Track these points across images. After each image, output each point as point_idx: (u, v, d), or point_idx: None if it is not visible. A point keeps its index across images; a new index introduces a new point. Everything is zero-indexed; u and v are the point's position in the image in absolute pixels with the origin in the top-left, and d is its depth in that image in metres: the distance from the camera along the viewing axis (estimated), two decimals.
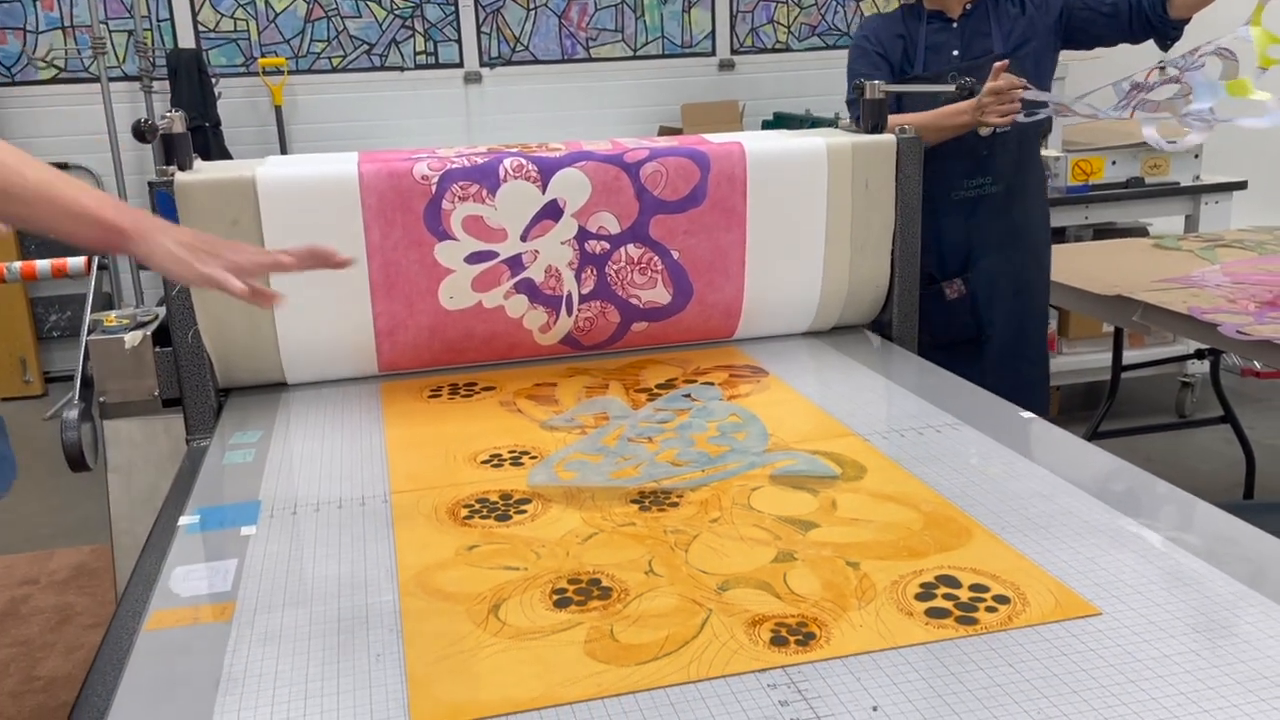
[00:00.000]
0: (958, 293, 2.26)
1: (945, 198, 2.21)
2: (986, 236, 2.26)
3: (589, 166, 1.66)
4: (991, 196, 2.24)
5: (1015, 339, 2.31)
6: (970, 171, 2.22)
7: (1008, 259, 2.27)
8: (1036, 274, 2.34)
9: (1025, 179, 2.28)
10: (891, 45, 2.22)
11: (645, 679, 0.89)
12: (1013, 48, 2.15)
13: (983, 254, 2.26)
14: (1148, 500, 1.21)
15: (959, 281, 2.27)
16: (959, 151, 2.16)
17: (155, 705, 0.89)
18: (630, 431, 1.45)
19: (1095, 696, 0.85)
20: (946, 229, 2.24)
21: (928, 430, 1.44)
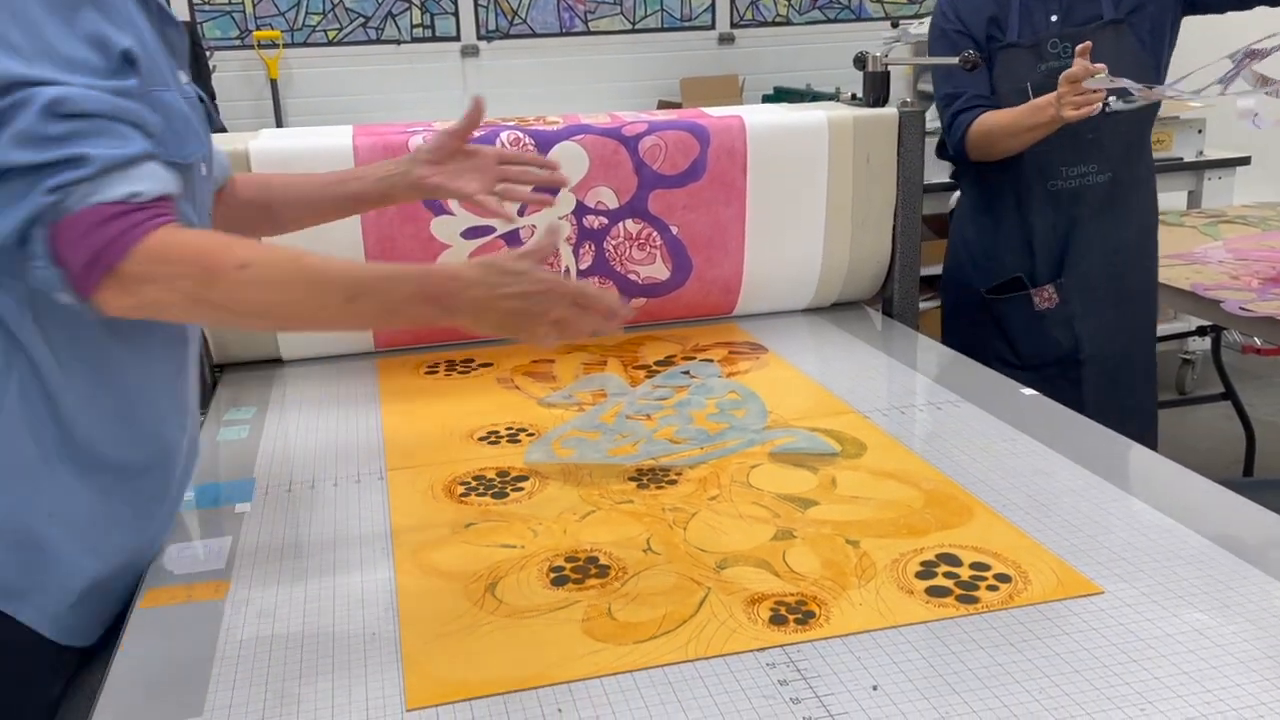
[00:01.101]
0: (1049, 302, 1.92)
1: (1040, 188, 1.89)
2: (1087, 236, 1.91)
3: (587, 140, 1.64)
4: (1096, 188, 1.89)
5: (1116, 360, 1.96)
6: (1072, 157, 1.87)
7: (1110, 263, 1.92)
8: (1143, 283, 1.98)
9: (1135, 168, 1.93)
10: (974, 17, 1.89)
11: (643, 658, 0.88)
12: (1126, 11, 1.83)
13: (1081, 257, 1.92)
14: (1149, 477, 1.20)
15: (1050, 289, 1.92)
16: (1060, 133, 1.79)
17: (149, 683, 0.88)
18: (628, 409, 1.44)
19: (1097, 675, 0.84)
20: (1039, 226, 1.92)
21: (928, 407, 1.43)
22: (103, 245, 0.83)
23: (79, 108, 0.83)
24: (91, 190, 0.83)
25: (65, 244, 0.83)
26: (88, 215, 0.83)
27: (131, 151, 0.85)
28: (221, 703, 0.85)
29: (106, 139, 0.84)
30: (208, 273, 0.87)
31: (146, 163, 0.87)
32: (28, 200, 0.82)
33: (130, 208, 0.84)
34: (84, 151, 0.82)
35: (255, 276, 0.88)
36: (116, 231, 0.83)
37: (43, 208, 0.82)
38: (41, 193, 0.82)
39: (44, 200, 0.82)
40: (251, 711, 0.83)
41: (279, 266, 0.91)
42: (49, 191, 0.82)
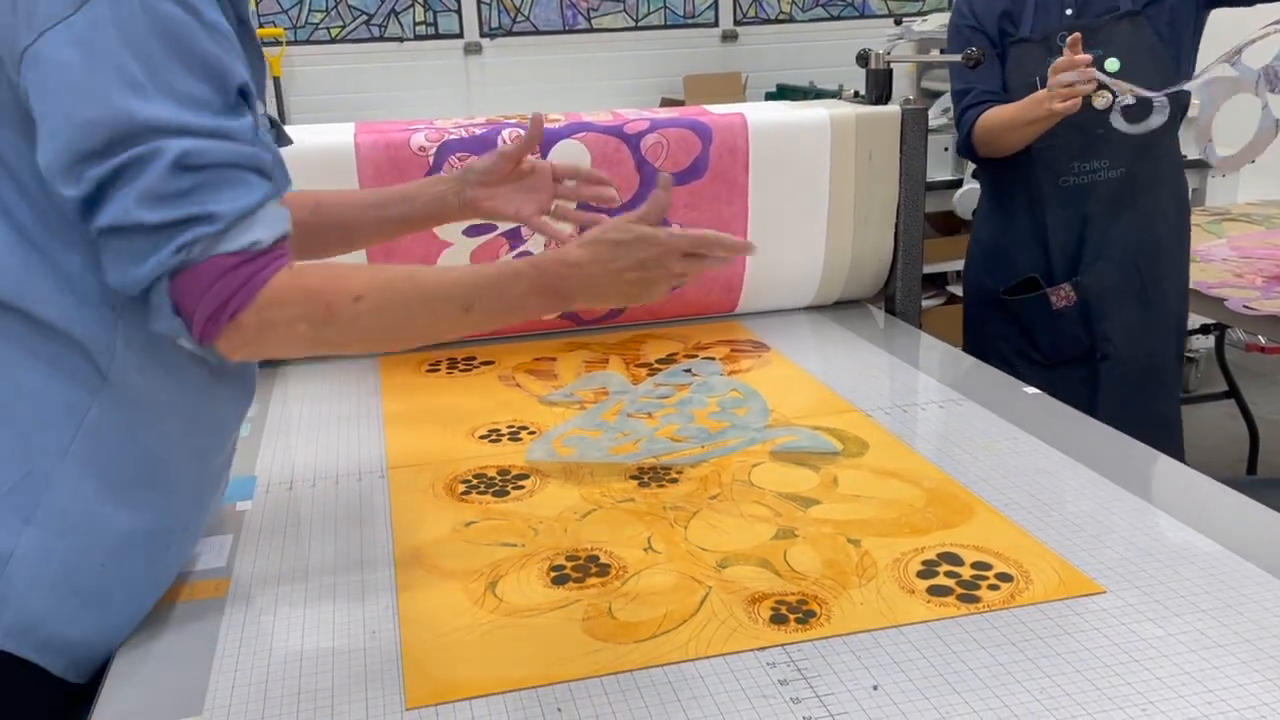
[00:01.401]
0: (1066, 300, 1.88)
1: (1050, 184, 1.85)
2: (1102, 233, 1.86)
3: (588, 138, 1.64)
4: (1108, 183, 1.84)
5: (1140, 361, 1.90)
6: (1081, 151, 1.82)
7: (1129, 262, 1.87)
8: (1168, 283, 1.92)
9: (1154, 164, 1.86)
10: (987, 12, 1.86)
11: (643, 657, 0.88)
12: (1144, 4, 1.77)
13: (1097, 254, 1.87)
14: (1152, 476, 1.19)
15: (1067, 287, 1.88)
16: (1066, 127, 1.76)
17: (149, 681, 0.88)
18: (630, 407, 1.43)
19: (1098, 675, 0.84)
20: (1053, 223, 1.87)
21: (930, 406, 1.42)
22: (226, 297, 0.83)
23: (204, 160, 0.82)
24: (215, 243, 0.83)
25: (188, 296, 0.83)
26: (211, 267, 0.83)
27: (254, 200, 0.85)
28: (221, 701, 0.85)
29: (231, 190, 0.83)
30: (325, 310, 0.87)
31: (267, 205, 0.86)
32: (155, 258, 0.82)
33: (250, 256, 0.84)
34: (212, 210, 0.82)
35: (370, 306, 0.88)
36: (239, 282, 0.83)
37: (170, 265, 0.82)
38: (170, 252, 0.81)
39: (172, 259, 0.81)
40: (251, 710, 0.83)
41: (392, 291, 0.90)
42: (177, 250, 0.81)
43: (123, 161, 0.80)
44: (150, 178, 0.80)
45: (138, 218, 0.81)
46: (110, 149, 0.80)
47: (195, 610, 0.98)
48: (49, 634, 0.88)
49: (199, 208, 0.82)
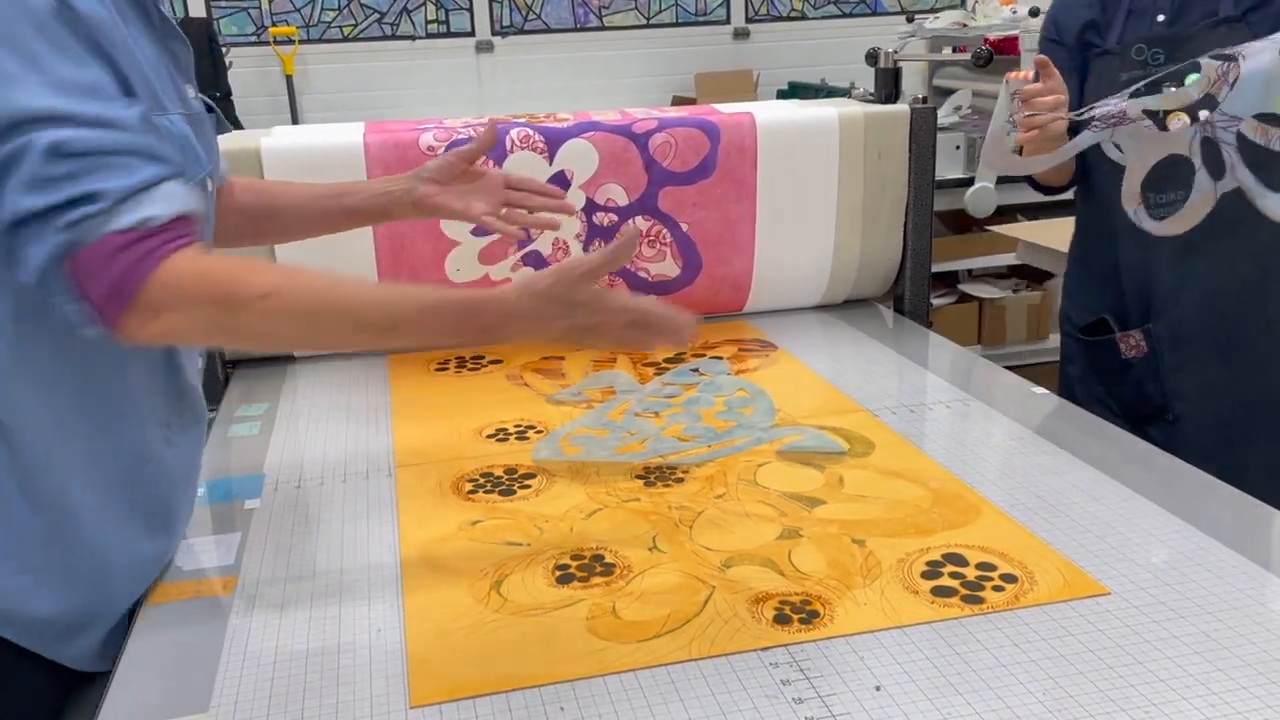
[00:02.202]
0: (1137, 350, 1.64)
1: (1123, 216, 1.48)
2: (1179, 276, 1.57)
3: (597, 137, 1.64)
4: None
5: (1221, 425, 1.59)
6: (1156, 182, 1.42)
7: (1212, 310, 1.57)
8: (1261, 336, 1.59)
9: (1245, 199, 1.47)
10: (1070, 22, 1.65)
11: (647, 656, 0.88)
12: (1245, 9, 1.51)
13: (1173, 300, 1.58)
14: (1158, 477, 1.19)
15: (1138, 334, 1.62)
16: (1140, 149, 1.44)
17: (158, 678, 0.89)
18: (637, 406, 1.44)
19: (1102, 677, 0.84)
20: (1126, 261, 1.62)
21: (938, 406, 1.42)
22: (120, 274, 0.82)
23: (82, 147, 0.82)
24: (104, 222, 0.82)
25: (84, 277, 0.83)
26: (102, 246, 0.82)
27: (141, 179, 0.84)
28: (228, 698, 0.85)
29: (115, 172, 0.83)
30: (228, 301, 0.86)
31: (161, 185, 0.85)
32: (44, 241, 0.82)
33: (144, 234, 0.83)
34: (96, 188, 0.81)
35: (279, 307, 0.86)
36: (134, 259, 0.83)
37: (60, 246, 0.81)
38: (55, 231, 0.81)
39: (59, 239, 0.81)
40: (257, 707, 0.84)
41: (305, 298, 0.88)
42: (63, 229, 0.81)
43: (4, 155, 0.81)
44: (28, 167, 0.81)
45: (22, 206, 0.81)
46: None
47: (203, 607, 0.99)
48: (8, 610, 0.89)
49: (80, 188, 0.81)
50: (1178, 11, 1.55)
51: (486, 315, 0.91)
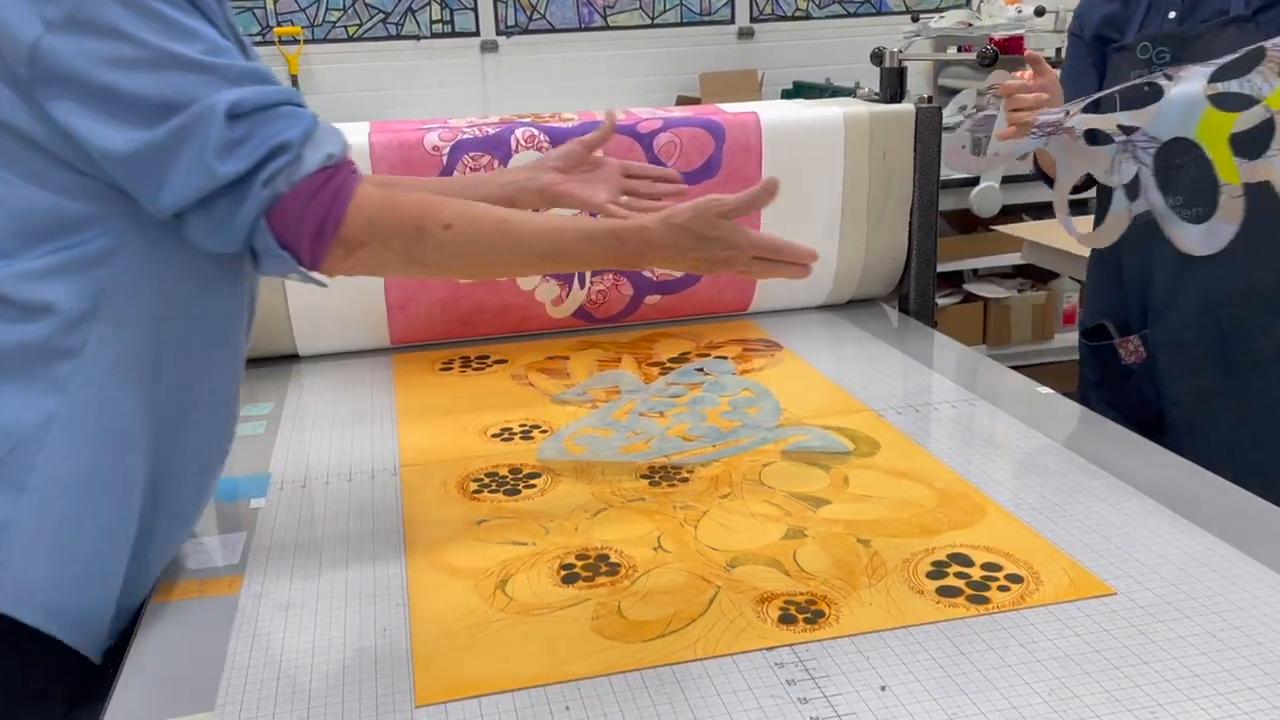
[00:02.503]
0: (1135, 356, 1.60)
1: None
2: (1177, 282, 1.54)
3: None
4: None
5: (1214, 442, 1.51)
6: (1158, 185, 1.37)
7: (1212, 320, 1.53)
8: (1262, 343, 1.52)
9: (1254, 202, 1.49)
10: (1090, 17, 1.62)
11: (652, 656, 0.88)
12: (1256, 8, 1.46)
13: (1169, 306, 1.55)
14: (1164, 477, 1.18)
15: (1136, 340, 1.59)
16: None
17: (161, 677, 0.89)
18: (642, 406, 1.44)
19: (1108, 677, 0.83)
20: (1127, 263, 1.59)
21: (943, 406, 1.42)
22: (324, 213, 0.88)
23: (250, 105, 0.86)
24: (296, 169, 0.87)
25: (287, 226, 0.88)
26: (300, 192, 0.87)
27: (310, 122, 0.89)
28: (234, 697, 0.86)
29: (284, 121, 0.87)
30: (418, 231, 0.92)
31: (318, 123, 0.90)
32: (247, 201, 0.86)
33: (330, 173, 0.89)
34: (280, 140, 0.86)
35: (459, 236, 0.94)
36: (331, 196, 0.89)
37: (264, 202, 0.86)
38: (258, 189, 0.85)
39: (263, 195, 0.86)
40: (263, 706, 0.84)
41: (482, 226, 0.96)
42: (264, 185, 0.86)
43: (179, 124, 0.84)
44: (214, 133, 0.84)
45: (225, 173, 0.84)
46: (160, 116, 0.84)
47: (208, 606, 0.99)
48: (53, 601, 0.89)
49: (268, 144, 0.85)
50: (1189, 9, 1.51)
51: (632, 243, 1.00)
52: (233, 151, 0.84)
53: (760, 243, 1.03)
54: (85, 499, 0.90)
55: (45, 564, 0.88)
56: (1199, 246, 1.15)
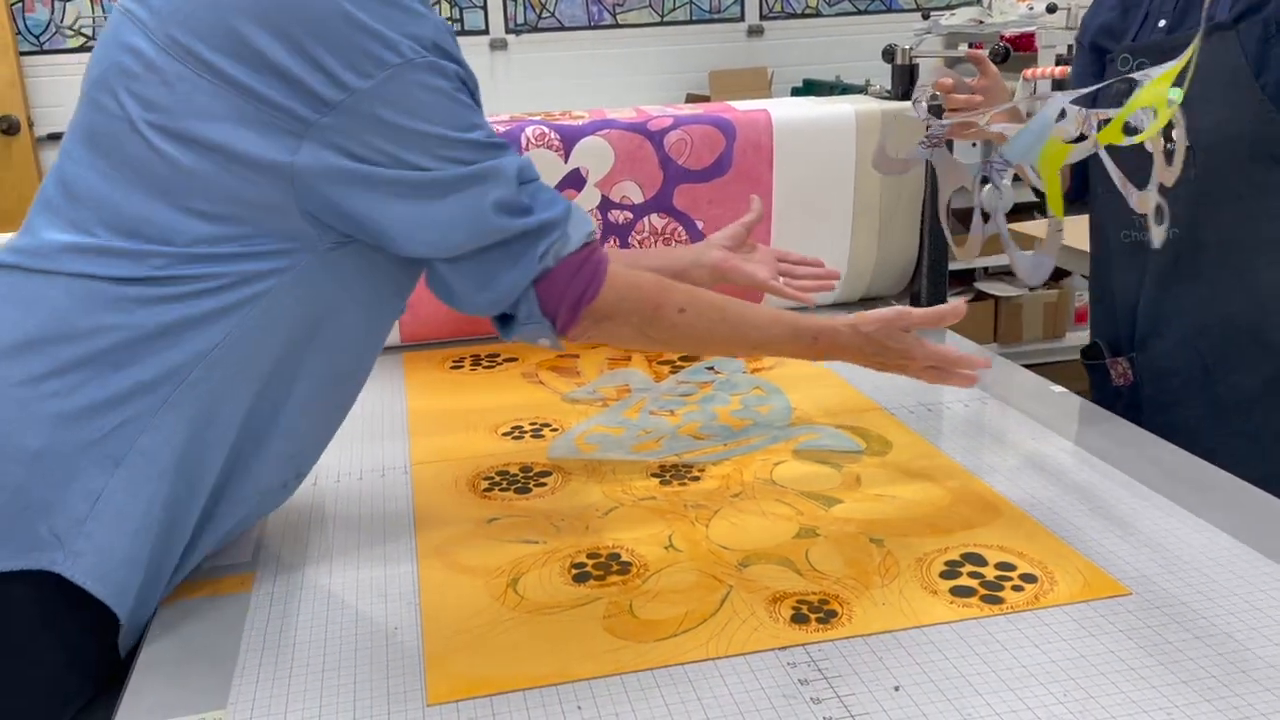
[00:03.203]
0: (1124, 379, 1.56)
1: (1115, 235, 1.49)
2: (1159, 307, 1.47)
3: (612, 135, 1.64)
4: (1168, 247, 1.34)
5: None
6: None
7: (1194, 349, 1.45)
8: (1246, 381, 1.42)
9: (1232, 230, 1.40)
10: (1090, 23, 1.58)
11: (664, 656, 0.88)
12: (1238, 14, 1.36)
13: (1153, 331, 1.48)
14: (1179, 476, 1.17)
15: (1124, 362, 1.54)
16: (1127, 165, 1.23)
17: (174, 674, 0.89)
18: (652, 404, 1.43)
19: (1124, 679, 0.83)
20: (1117, 283, 1.53)
21: (955, 405, 1.41)
22: (582, 290, 0.96)
23: (531, 174, 0.95)
24: (565, 245, 0.95)
25: (551, 297, 0.95)
26: (565, 267, 0.95)
27: (566, 202, 0.97)
28: (245, 695, 0.86)
29: (550, 196, 0.96)
30: (655, 311, 1.01)
31: (573, 206, 0.98)
32: (522, 268, 0.93)
33: (591, 250, 0.97)
34: (552, 214, 0.94)
35: (689, 320, 1.03)
36: (591, 272, 0.97)
37: (538, 273, 0.94)
38: (536, 259, 0.93)
39: (539, 267, 0.93)
40: (275, 704, 0.84)
41: (708, 313, 1.06)
42: (541, 258, 0.93)
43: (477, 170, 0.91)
44: (505, 188, 0.91)
45: (501, 228, 0.91)
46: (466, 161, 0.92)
47: (220, 604, 0.99)
48: (123, 581, 0.90)
49: (543, 215, 0.93)
50: (1178, 18, 1.44)
51: (824, 343, 1.12)
52: (514, 211, 0.92)
53: (934, 355, 1.14)
54: (171, 486, 0.91)
55: (126, 543, 0.89)
56: (1028, 277, 1.18)
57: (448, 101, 0.91)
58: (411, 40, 0.89)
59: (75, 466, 0.88)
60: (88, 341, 0.89)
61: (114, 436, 0.89)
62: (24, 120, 4.11)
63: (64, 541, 0.87)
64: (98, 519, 0.88)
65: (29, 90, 4.39)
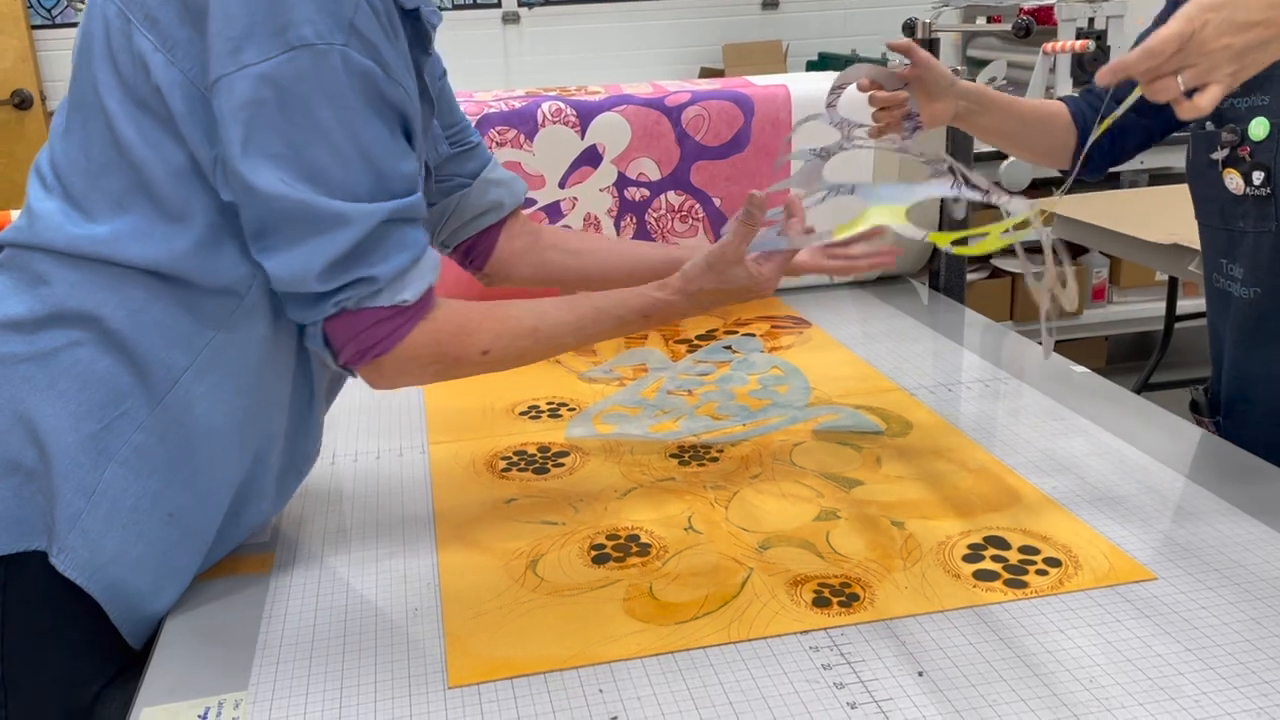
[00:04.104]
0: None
1: (1207, 276, 1.28)
2: (1241, 366, 1.24)
3: (629, 111, 1.62)
4: (1241, 304, 1.20)
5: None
6: (1225, 246, 1.21)
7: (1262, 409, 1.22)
8: None
9: None
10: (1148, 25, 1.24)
11: (684, 639, 0.88)
12: None
13: (1239, 391, 1.25)
14: (1207, 460, 1.16)
15: (1211, 425, 1.30)
16: (1217, 206, 1.19)
17: (195, 656, 0.89)
18: (670, 384, 1.42)
19: (1150, 665, 0.82)
20: (1213, 330, 1.31)
21: (975, 385, 1.40)
22: (371, 344, 0.91)
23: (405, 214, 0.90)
24: (369, 299, 0.89)
25: (338, 335, 0.91)
26: (363, 317, 0.90)
27: (408, 260, 0.90)
28: (266, 677, 0.85)
29: (393, 249, 0.89)
30: (454, 361, 0.96)
31: (421, 261, 0.91)
32: (317, 310, 0.89)
33: (398, 310, 0.91)
34: (373, 274, 0.88)
35: (495, 357, 0.98)
36: (384, 334, 0.91)
37: (328, 314, 0.89)
38: (330, 306, 0.88)
39: (331, 311, 0.89)
40: (295, 688, 0.84)
41: (518, 344, 0.99)
42: (334, 305, 0.88)
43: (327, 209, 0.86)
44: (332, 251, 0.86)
45: (309, 286, 0.87)
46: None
47: (239, 586, 0.99)
48: (116, 577, 0.90)
49: (360, 273, 0.87)
50: None
51: (658, 318, 1.06)
52: (333, 272, 0.87)
53: (778, 266, 1.08)
54: (166, 484, 0.91)
55: (116, 539, 0.89)
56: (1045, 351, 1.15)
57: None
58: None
59: (73, 460, 0.88)
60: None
61: (111, 429, 0.89)
62: (36, 94, 4.10)
63: (56, 535, 0.87)
64: (92, 514, 0.88)
65: (41, 64, 4.38)
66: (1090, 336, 3.47)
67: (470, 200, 1.20)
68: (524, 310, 1.00)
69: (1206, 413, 1.32)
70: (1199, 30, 0.85)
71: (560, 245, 1.26)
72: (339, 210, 0.85)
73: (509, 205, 1.22)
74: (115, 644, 0.94)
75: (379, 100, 0.87)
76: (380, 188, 0.88)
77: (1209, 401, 1.32)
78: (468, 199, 1.20)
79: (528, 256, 1.24)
